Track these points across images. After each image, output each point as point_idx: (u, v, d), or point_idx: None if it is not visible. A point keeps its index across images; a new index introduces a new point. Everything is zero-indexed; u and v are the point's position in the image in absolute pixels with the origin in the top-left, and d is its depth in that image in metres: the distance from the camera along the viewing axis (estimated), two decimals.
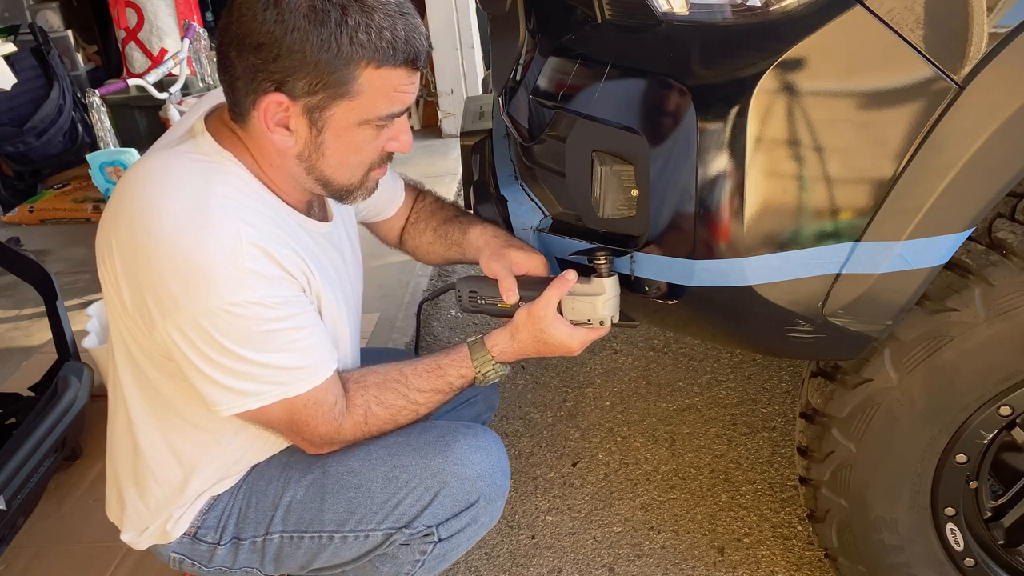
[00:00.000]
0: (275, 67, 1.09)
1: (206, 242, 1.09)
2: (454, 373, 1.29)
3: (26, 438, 1.78)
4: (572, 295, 1.25)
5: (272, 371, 1.17)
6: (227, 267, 1.10)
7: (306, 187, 1.24)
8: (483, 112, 1.96)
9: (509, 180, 1.50)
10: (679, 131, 1.09)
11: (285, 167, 1.20)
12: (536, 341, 1.28)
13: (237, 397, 1.17)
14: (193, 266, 1.09)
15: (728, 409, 2.20)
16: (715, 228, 1.09)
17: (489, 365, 1.29)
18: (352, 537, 1.29)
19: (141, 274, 1.11)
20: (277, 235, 1.17)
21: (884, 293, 1.11)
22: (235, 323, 1.12)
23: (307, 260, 1.21)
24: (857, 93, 1.03)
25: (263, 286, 1.12)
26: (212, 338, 1.12)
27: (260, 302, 1.12)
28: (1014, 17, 0.99)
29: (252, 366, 1.15)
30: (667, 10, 1.11)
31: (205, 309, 1.10)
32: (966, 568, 1.37)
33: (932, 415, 1.24)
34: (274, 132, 1.14)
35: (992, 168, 1.04)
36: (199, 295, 1.09)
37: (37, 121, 4.19)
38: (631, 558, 1.78)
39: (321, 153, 1.17)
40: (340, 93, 1.11)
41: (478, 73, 4.48)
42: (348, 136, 1.16)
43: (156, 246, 1.09)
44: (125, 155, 3.00)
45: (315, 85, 1.10)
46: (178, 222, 1.10)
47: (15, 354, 2.72)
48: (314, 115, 1.13)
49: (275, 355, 1.16)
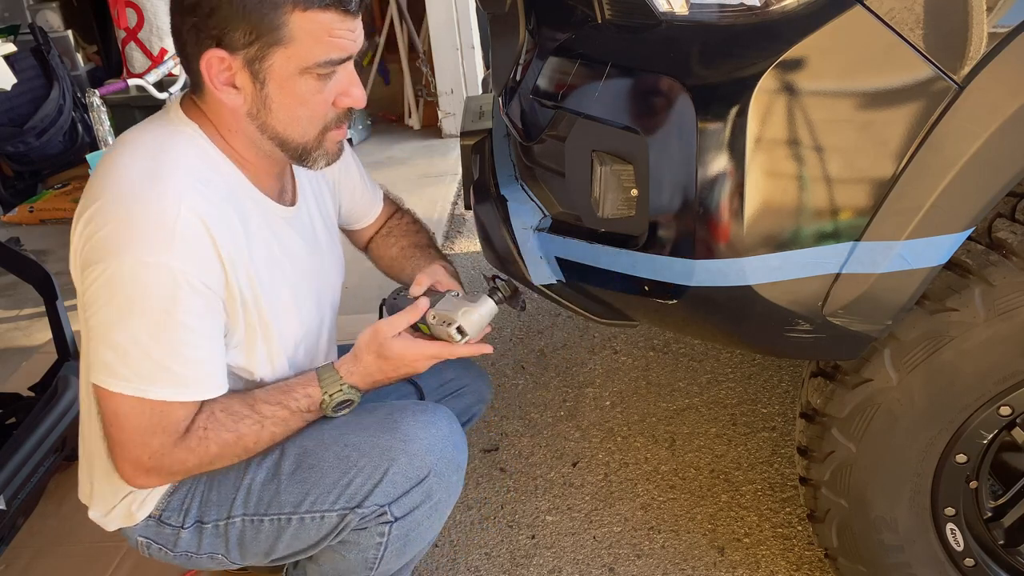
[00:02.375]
0: (212, 23, 1.12)
1: (147, 197, 1.12)
2: (300, 392, 1.27)
3: (26, 438, 1.79)
4: (454, 297, 1.30)
5: (147, 362, 1.13)
6: (158, 224, 1.10)
7: (265, 150, 1.23)
8: (483, 112, 1.96)
9: (509, 180, 1.50)
10: (679, 131, 1.08)
11: (241, 130, 1.21)
12: (377, 358, 1.28)
13: (104, 367, 1.14)
14: (127, 221, 1.11)
15: (728, 409, 2.20)
16: (715, 228, 1.09)
17: (336, 386, 1.27)
18: (309, 519, 1.28)
19: (88, 228, 1.13)
20: (225, 212, 1.17)
21: (884, 293, 1.11)
22: (140, 286, 1.10)
23: (254, 248, 1.21)
24: (857, 93, 1.03)
25: (187, 260, 1.12)
26: (113, 294, 1.11)
27: (176, 276, 1.11)
28: (1014, 17, 0.99)
29: (130, 342, 1.12)
30: (667, 10, 1.11)
31: (119, 263, 1.10)
32: (966, 568, 1.37)
33: (932, 415, 1.24)
34: (222, 91, 1.16)
35: (992, 168, 1.04)
36: (121, 246, 1.10)
37: (37, 121, 4.19)
38: (631, 558, 1.78)
39: (268, 108, 1.18)
40: (273, 40, 1.13)
41: (478, 73, 4.48)
42: (291, 87, 1.17)
43: (104, 202, 1.12)
44: None
45: (249, 35, 1.12)
46: (131, 178, 1.14)
47: (15, 354, 2.72)
48: (255, 67, 1.15)
49: (160, 348, 1.13)
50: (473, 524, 1.91)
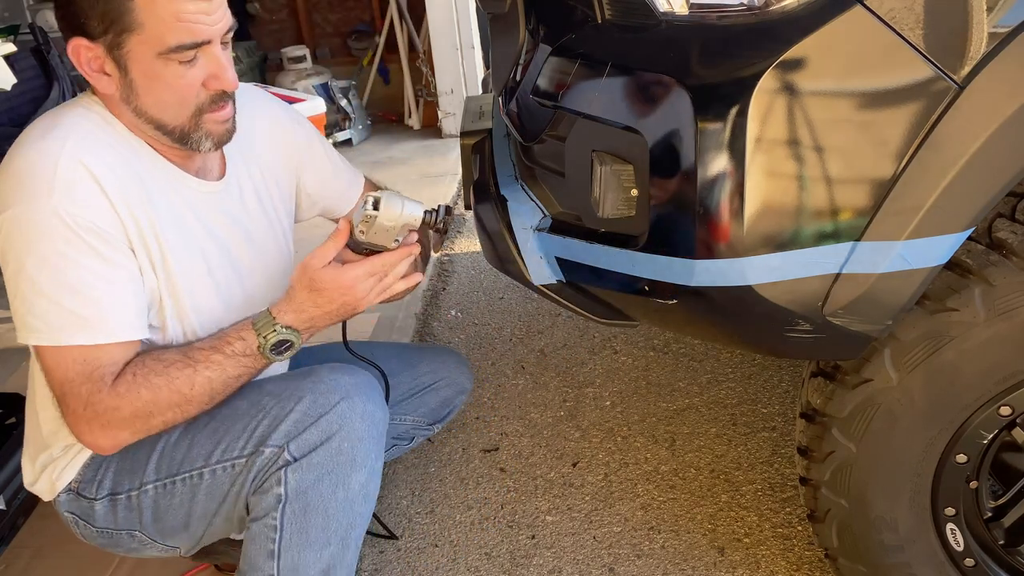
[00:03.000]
0: (71, 12, 1.16)
1: (31, 149, 1.15)
2: (234, 335, 1.26)
3: None
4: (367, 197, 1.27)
5: (53, 307, 1.15)
6: (39, 173, 1.13)
7: (149, 133, 1.25)
8: (483, 112, 1.96)
9: (509, 180, 1.50)
10: (679, 131, 1.08)
11: (123, 113, 1.23)
12: (311, 291, 1.25)
13: (19, 323, 1.17)
14: (13, 170, 1.15)
15: (728, 409, 2.20)
16: (715, 228, 1.09)
17: (270, 327, 1.25)
18: (220, 469, 1.26)
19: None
20: (114, 165, 1.19)
21: (884, 293, 1.11)
22: (31, 234, 1.12)
23: (158, 210, 1.22)
24: (857, 93, 1.03)
25: (72, 202, 1.13)
26: (7, 249, 1.14)
27: (62, 217, 1.12)
28: (1014, 17, 0.99)
29: (34, 292, 1.14)
30: (667, 10, 1.11)
31: (11, 215, 1.13)
32: (966, 568, 1.37)
33: (932, 415, 1.24)
34: (93, 77, 1.20)
35: (992, 168, 1.04)
36: (7, 198, 1.13)
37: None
38: (631, 558, 1.78)
39: (136, 92, 1.20)
40: (124, 26, 1.15)
41: (478, 73, 4.48)
42: (153, 72, 1.18)
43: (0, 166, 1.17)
44: None
45: (103, 22, 1.15)
46: (20, 140, 1.18)
47: (15, 354, 2.71)
48: (115, 54, 1.18)
49: (62, 291, 1.14)
50: (473, 524, 1.91)
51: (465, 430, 2.23)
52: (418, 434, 1.86)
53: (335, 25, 6.37)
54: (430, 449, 2.14)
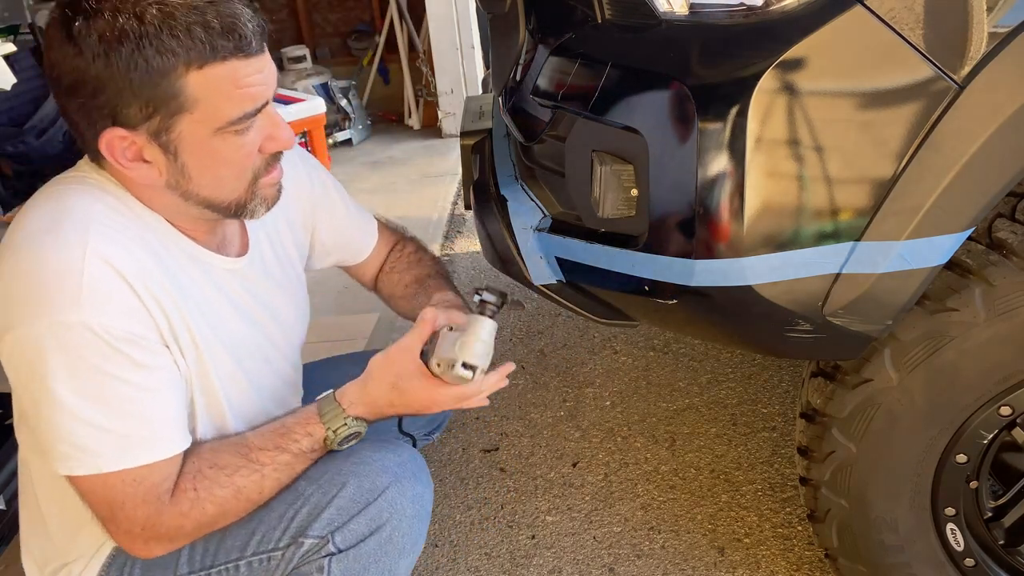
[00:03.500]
0: (100, 102, 0.99)
1: (45, 249, 0.98)
2: (300, 431, 1.13)
3: None
4: (449, 332, 1.15)
5: (90, 430, 0.99)
6: (62, 281, 0.97)
7: (193, 215, 1.12)
8: (483, 112, 1.96)
9: (509, 180, 1.50)
10: (679, 131, 1.08)
11: (161, 200, 1.09)
12: (392, 389, 1.14)
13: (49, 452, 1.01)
14: (25, 278, 0.97)
15: (728, 409, 2.20)
16: (715, 228, 1.09)
17: (340, 420, 1.14)
18: (256, 561, 1.14)
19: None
20: (146, 261, 1.04)
21: (884, 293, 1.11)
22: (59, 354, 0.97)
23: (189, 302, 1.08)
24: (857, 93, 1.03)
25: (104, 312, 0.98)
26: (33, 369, 0.98)
27: (95, 330, 0.97)
28: (1014, 17, 0.99)
29: (67, 418, 0.99)
30: (667, 10, 1.11)
31: (29, 332, 0.97)
32: (966, 568, 1.37)
33: (932, 415, 1.24)
34: (131, 168, 1.04)
35: (992, 168, 1.04)
36: (26, 312, 0.97)
37: (37, 121, 4.18)
38: (631, 558, 1.77)
39: (188, 176, 1.06)
40: (175, 109, 1.00)
41: (478, 73, 4.48)
42: (209, 151, 1.04)
43: (3, 257, 1.00)
44: None
45: (146, 108, 1.00)
46: (27, 232, 1.01)
47: None
48: (162, 139, 1.03)
49: (99, 412, 0.99)
50: (473, 524, 1.91)
51: (465, 430, 2.23)
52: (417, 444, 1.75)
53: (335, 25, 6.37)
54: (430, 449, 2.14)
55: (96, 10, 0.97)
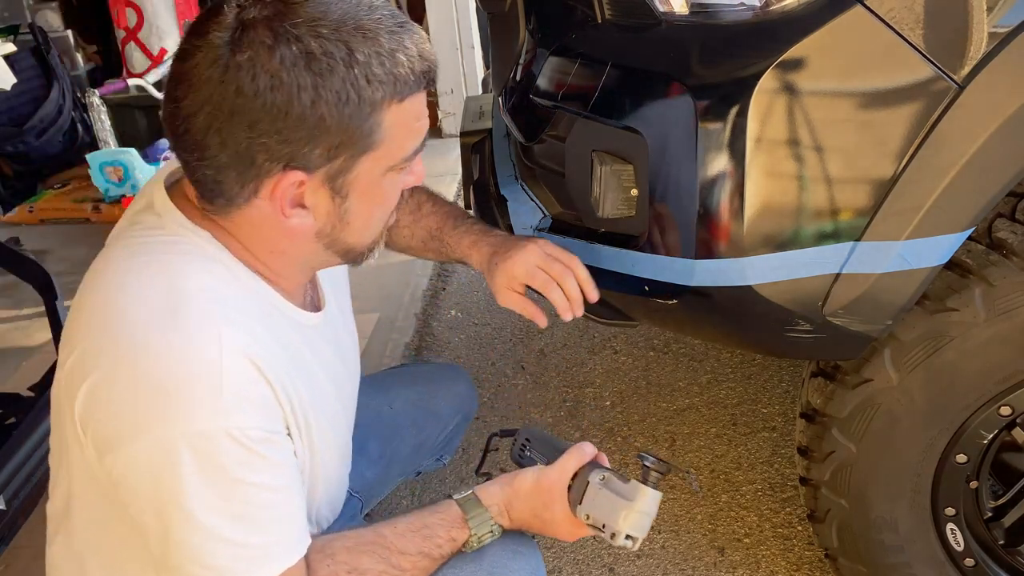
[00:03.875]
0: (280, 143, 0.85)
1: (174, 349, 0.85)
2: (444, 535, 1.04)
3: (26, 438, 1.78)
4: (602, 485, 1.05)
5: (223, 547, 0.88)
6: (199, 384, 0.85)
7: (313, 267, 1.03)
8: (483, 112, 1.96)
9: (509, 180, 1.50)
10: (679, 131, 1.08)
11: (292, 251, 0.97)
12: (533, 516, 1.07)
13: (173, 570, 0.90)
14: (152, 381, 0.84)
15: (728, 409, 2.20)
16: (715, 228, 1.09)
17: (487, 527, 1.05)
18: None
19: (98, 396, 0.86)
20: (266, 339, 0.92)
21: (884, 293, 1.11)
22: (196, 466, 0.85)
23: (300, 377, 0.97)
24: (857, 93, 1.03)
25: (243, 413, 0.87)
26: (161, 484, 0.86)
27: (234, 436, 0.86)
28: (1014, 17, 0.99)
29: (201, 536, 0.87)
30: (667, 10, 1.11)
31: (159, 443, 0.84)
32: (966, 568, 1.37)
33: (932, 415, 1.24)
34: (291, 216, 0.91)
35: (992, 168, 1.04)
36: (154, 420, 0.84)
37: (37, 121, 4.18)
38: (631, 558, 1.77)
39: (346, 222, 0.95)
40: (365, 147, 0.89)
41: (478, 73, 4.48)
42: (375, 192, 0.94)
43: (110, 362, 0.86)
44: (125, 155, 3.00)
45: (335, 148, 0.88)
46: (142, 323, 0.86)
47: (15, 354, 2.71)
48: (336, 183, 0.91)
49: (234, 526, 0.88)
50: None
51: (465, 430, 2.22)
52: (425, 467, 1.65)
53: None
54: None
55: (293, 36, 0.84)
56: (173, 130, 0.89)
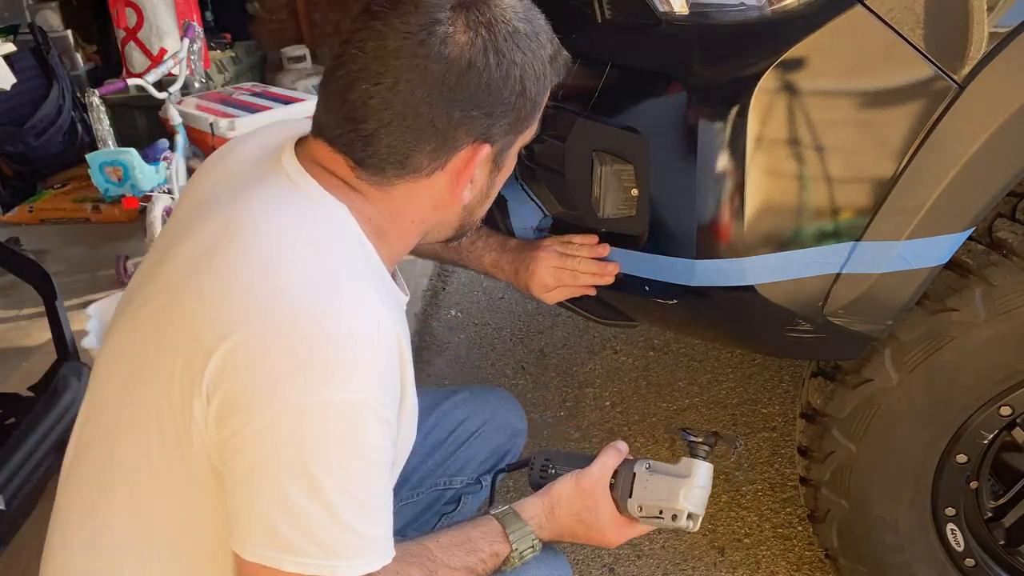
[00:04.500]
0: (484, 116, 0.89)
1: (340, 315, 0.83)
2: (487, 549, 1.02)
3: (26, 438, 1.78)
4: (651, 472, 1.04)
5: (335, 527, 0.84)
6: (361, 352, 0.83)
7: (425, 241, 1.02)
8: None
9: (509, 180, 1.49)
10: (679, 131, 1.08)
11: (431, 222, 0.98)
12: (577, 521, 1.05)
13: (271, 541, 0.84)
14: (317, 344, 0.82)
15: (728, 409, 2.19)
16: (715, 228, 1.09)
17: (528, 542, 1.03)
18: None
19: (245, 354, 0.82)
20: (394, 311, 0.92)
21: (884, 293, 1.11)
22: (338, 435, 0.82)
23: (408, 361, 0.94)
24: (857, 93, 1.03)
25: (384, 389, 0.85)
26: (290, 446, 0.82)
27: (378, 413, 0.84)
28: (1014, 17, 0.99)
29: (320, 511, 0.83)
30: (667, 10, 1.11)
31: (312, 406, 0.81)
32: (966, 568, 1.37)
33: (932, 415, 1.24)
34: (459, 187, 0.94)
35: (992, 168, 1.04)
36: (311, 383, 0.81)
37: (36, 121, 4.18)
38: (631, 558, 1.77)
39: (487, 196, 1.00)
40: (529, 123, 0.95)
41: None
42: (511, 167, 1.00)
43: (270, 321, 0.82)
44: (124, 155, 2.99)
45: (514, 124, 0.92)
46: (304, 289, 0.84)
47: (15, 354, 2.71)
48: (500, 157, 0.96)
49: (353, 508, 0.84)
50: None
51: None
52: (467, 494, 1.50)
53: (335, 25, 6.36)
54: None
55: (502, 16, 0.90)
56: (362, 104, 0.88)
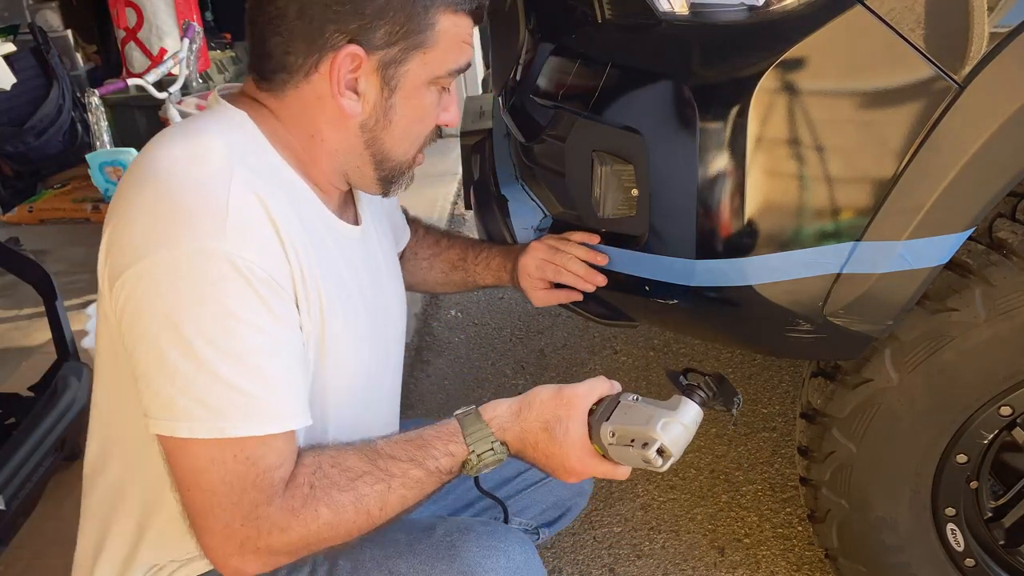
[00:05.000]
0: (353, 15, 0.93)
1: (187, 176, 0.89)
2: (440, 448, 0.97)
3: (26, 438, 1.78)
4: (635, 402, 1.00)
5: (215, 385, 0.86)
6: (206, 203, 0.87)
7: (349, 169, 1.04)
8: (483, 112, 1.96)
9: (509, 180, 1.50)
10: (679, 131, 1.08)
11: (333, 140, 1.01)
12: (543, 429, 0.99)
13: (163, 409, 0.86)
14: (165, 201, 0.87)
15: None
16: (716, 228, 1.09)
17: (487, 443, 0.98)
18: None
19: (117, 223, 0.90)
20: (284, 205, 0.94)
21: (885, 293, 1.11)
22: (193, 287, 0.85)
23: (317, 258, 0.97)
24: (858, 93, 1.03)
25: (247, 245, 0.87)
26: (161, 302, 0.85)
27: (236, 265, 0.86)
28: (1014, 17, 0.99)
29: (192, 365, 0.85)
30: (667, 10, 1.11)
31: (164, 259, 0.85)
32: (967, 568, 1.37)
33: (932, 415, 1.24)
34: (343, 96, 0.97)
35: (992, 168, 1.04)
36: (162, 237, 0.85)
37: (36, 121, 4.18)
38: (631, 558, 1.77)
39: (388, 119, 1.01)
40: (418, 43, 0.97)
41: (478, 73, 4.47)
42: (417, 98, 1.01)
43: (140, 189, 0.90)
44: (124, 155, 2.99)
45: (395, 33, 0.95)
46: (164, 162, 0.91)
47: (15, 354, 2.71)
48: (388, 72, 0.98)
49: (227, 362, 0.86)
50: None
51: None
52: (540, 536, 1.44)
53: None
54: None
55: None
56: (252, 8, 0.97)
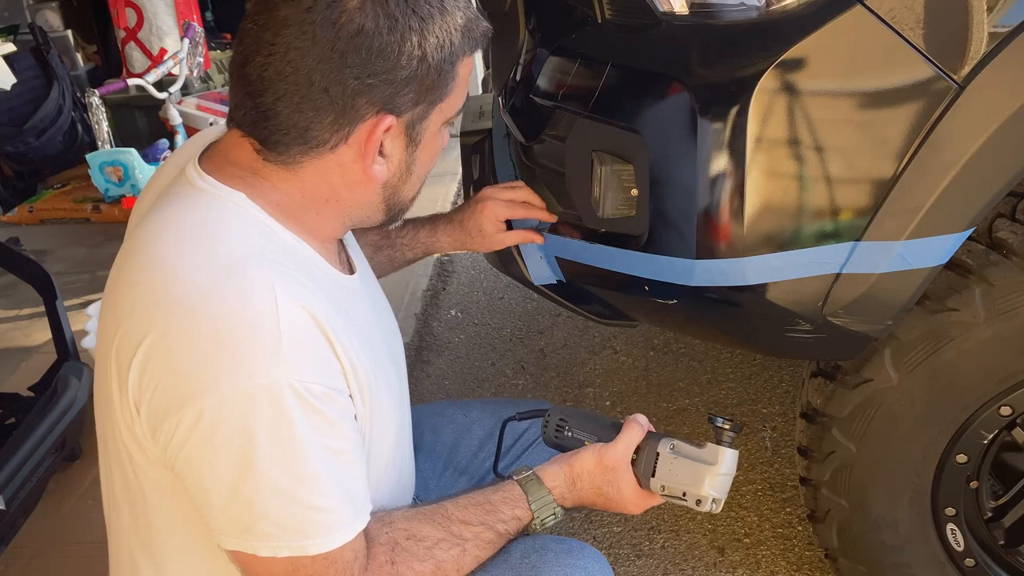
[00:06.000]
0: (384, 83, 0.88)
1: (231, 303, 0.83)
2: (507, 512, 1.01)
3: (26, 438, 1.78)
4: (675, 454, 1.04)
5: (294, 507, 0.86)
6: (257, 332, 0.83)
7: (355, 223, 1.01)
8: (483, 112, 1.96)
9: (509, 180, 1.50)
10: (679, 131, 1.08)
11: (349, 202, 0.97)
12: (598, 494, 1.05)
13: (243, 532, 0.87)
14: (216, 338, 0.82)
15: (728, 409, 2.20)
16: (715, 228, 1.09)
17: (549, 510, 1.03)
18: None
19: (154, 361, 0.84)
20: (317, 294, 0.90)
21: (884, 293, 1.11)
22: (261, 420, 0.83)
23: (353, 332, 0.94)
24: (857, 93, 1.03)
25: (303, 366, 0.84)
26: (229, 441, 0.83)
27: (296, 390, 0.83)
28: (1014, 17, 0.99)
29: (268, 493, 0.85)
30: (667, 10, 1.11)
31: (229, 396, 0.82)
32: (966, 568, 1.37)
33: (932, 415, 1.24)
34: (368, 161, 0.92)
35: (992, 168, 1.04)
36: (212, 377, 0.82)
37: (37, 121, 4.19)
38: (631, 558, 1.77)
39: (410, 173, 0.98)
40: (441, 96, 0.94)
41: (478, 73, 4.47)
42: (434, 144, 0.99)
43: (163, 325, 0.83)
44: (124, 155, 3.00)
45: (421, 95, 0.92)
46: (198, 285, 0.84)
47: (15, 354, 2.71)
48: (414, 130, 0.94)
49: (302, 487, 0.86)
50: None
51: None
52: None
53: None
54: None
55: None
56: (257, 77, 0.88)
